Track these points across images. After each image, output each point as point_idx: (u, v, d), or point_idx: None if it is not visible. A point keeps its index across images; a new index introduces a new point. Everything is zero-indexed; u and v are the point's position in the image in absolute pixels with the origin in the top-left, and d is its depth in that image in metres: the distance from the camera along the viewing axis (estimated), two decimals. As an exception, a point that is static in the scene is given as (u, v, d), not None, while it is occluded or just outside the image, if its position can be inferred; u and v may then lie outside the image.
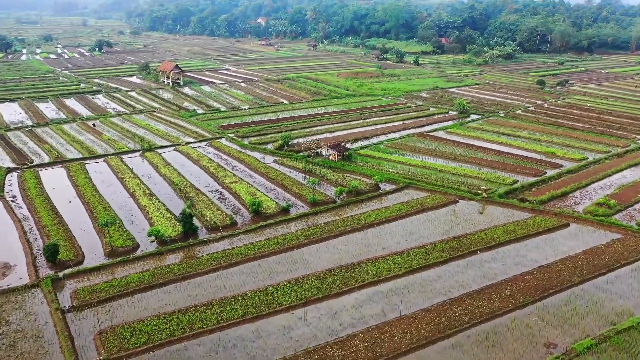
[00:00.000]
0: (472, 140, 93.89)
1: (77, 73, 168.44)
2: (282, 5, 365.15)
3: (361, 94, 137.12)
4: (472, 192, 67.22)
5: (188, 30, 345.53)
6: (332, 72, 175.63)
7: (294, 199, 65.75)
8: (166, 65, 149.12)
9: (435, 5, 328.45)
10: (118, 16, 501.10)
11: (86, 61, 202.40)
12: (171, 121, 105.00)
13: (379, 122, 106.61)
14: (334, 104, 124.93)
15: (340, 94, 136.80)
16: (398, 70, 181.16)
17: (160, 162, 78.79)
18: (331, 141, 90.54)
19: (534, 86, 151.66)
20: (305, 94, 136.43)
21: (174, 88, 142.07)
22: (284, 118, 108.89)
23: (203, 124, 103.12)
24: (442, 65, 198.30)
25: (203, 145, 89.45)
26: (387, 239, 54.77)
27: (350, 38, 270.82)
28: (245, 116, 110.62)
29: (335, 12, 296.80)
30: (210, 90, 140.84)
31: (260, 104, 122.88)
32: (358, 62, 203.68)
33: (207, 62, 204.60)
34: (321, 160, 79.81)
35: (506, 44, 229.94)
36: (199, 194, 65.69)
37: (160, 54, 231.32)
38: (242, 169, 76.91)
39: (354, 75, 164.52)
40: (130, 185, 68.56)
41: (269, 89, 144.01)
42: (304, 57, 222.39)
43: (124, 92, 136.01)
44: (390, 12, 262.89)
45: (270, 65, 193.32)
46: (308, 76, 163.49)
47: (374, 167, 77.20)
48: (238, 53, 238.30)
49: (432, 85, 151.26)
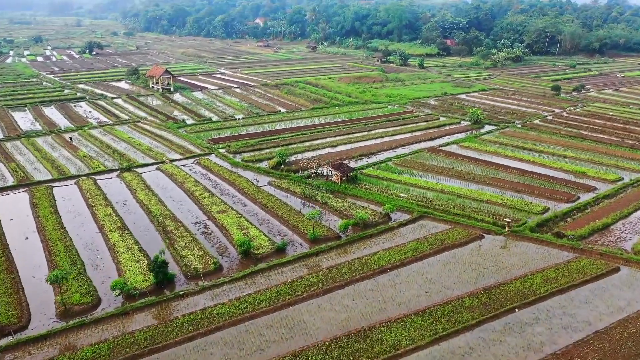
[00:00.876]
0: (490, 156, 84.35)
1: (62, 77, 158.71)
2: (281, 6, 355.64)
3: (365, 102, 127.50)
4: (499, 225, 57.69)
5: (184, 31, 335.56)
6: (332, 76, 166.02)
7: (291, 233, 56.16)
8: (155, 70, 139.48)
9: (439, 5, 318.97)
10: (113, 16, 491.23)
11: (74, 64, 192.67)
12: (157, 134, 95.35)
13: (386, 134, 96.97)
14: (336, 112, 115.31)
15: (342, 101, 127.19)
16: (402, 74, 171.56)
17: (139, 184, 69.15)
18: (333, 158, 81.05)
19: (548, 92, 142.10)
20: (305, 101, 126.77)
21: (164, 94, 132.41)
22: (281, 129, 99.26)
23: (192, 136, 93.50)
24: (448, 69, 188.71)
25: (190, 163, 79.79)
26: (403, 291, 45.16)
27: (351, 39, 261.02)
28: (239, 127, 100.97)
29: (335, 12, 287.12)
30: (203, 97, 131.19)
31: (255, 113, 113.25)
32: (360, 65, 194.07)
33: (201, 65, 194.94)
34: (322, 183, 70.22)
35: (514, 46, 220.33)
36: (180, 228, 56.08)
37: (153, 56, 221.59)
38: (232, 194, 67.29)
39: (356, 80, 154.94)
40: (100, 216, 58.90)
41: (265, 95, 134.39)
42: (303, 60, 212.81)
43: (109, 100, 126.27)
44: (393, 12, 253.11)
45: (268, 69, 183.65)
46: (307, 81, 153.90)
47: (382, 191, 67.64)
48: (234, 55, 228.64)
49: (440, 91, 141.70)
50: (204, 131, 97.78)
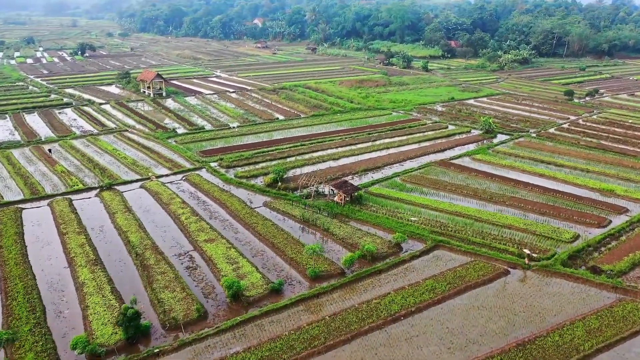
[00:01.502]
0: (507, 170, 77.24)
1: (50, 81, 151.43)
2: (280, 6, 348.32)
3: (367, 108, 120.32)
4: (524, 257, 50.58)
5: (180, 31, 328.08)
6: (333, 79, 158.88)
7: (289, 267, 49.04)
8: (146, 74, 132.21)
9: (442, 5, 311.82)
10: (110, 17, 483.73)
11: (64, 67, 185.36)
12: (144, 145, 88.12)
13: (391, 145, 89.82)
14: (337, 120, 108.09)
15: (344, 107, 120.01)
16: (406, 77, 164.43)
17: (120, 206, 61.98)
18: (335, 173, 73.97)
19: (561, 97, 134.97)
20: (304, 107, 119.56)
21: (155, 100, 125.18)
22: (279, 140, 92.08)
23: (182, 148, 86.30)
24: (453, 72, 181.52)
25: (178, 179, 72.56)
26: (421, 346, 38.02)
27: (352, 41, 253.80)
28: (233, 137, 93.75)
29: (336, 12, 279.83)
30: (196, 103, 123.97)
31: (251, 121, 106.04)
32: (361, 68, 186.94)
33: (197, 67, 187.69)
34: (323, 204, 63.07)
35: (520, 48, 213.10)
36: (161, 261, 48.91)
37: (147, 58, 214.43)
38: (223, 217, 60.13)
39: (358, 84, 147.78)
40: (71, 247, 51.71)
41: (262, 101, 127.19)
42: (302, 62, 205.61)
43: (97, 106, 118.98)
44: (395, 12, 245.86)
45: (266, 72, 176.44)
46: (307, 85, 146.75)
47: (391, 214, 60.52)
48: (232, 57, 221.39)
49: (446, 96, 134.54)
50: (195, 142, 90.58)
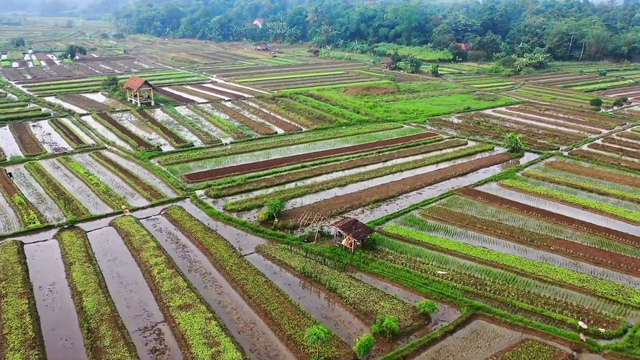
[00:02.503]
0: (543, 201, 65.86)
1: (31, 88, 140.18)
2: (281, 6, 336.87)
3: (376, 120, 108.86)
4: (592, 332, 39.21)
5: (178, 32, 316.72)
6: (337, 85, 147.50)
7: (285, 349, 37.70)
8: (133, 81, 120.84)
9: (449, 5, 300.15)
10: (107, 17, 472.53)
11: (51, 71, 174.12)
12: (122, 167, 76.75)
13: (405, 166, 78.35)
14: (343, 135, 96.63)
15: (350, 118, 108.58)
16: (415, 83, 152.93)
17: (80, 253, 50.65)
18: (342, 204, 62.78)
19: (587, 106, 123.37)
20: (306, 119, 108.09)
21: (142, 110, 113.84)
22: (277, 160, 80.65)
23: (165, 171, 74.95)
24: (465, 77, 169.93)
25: (156, 213, 61.22)
26: None
27: (357, 43, 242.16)
28: (225, 157, 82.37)
29: (339, 13, 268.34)
30: (187, 114, 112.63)
31: (247, 136, 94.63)
32: (367, 73, 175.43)
33: (191, 72, 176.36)
34: (329, 249, 51.76)
35: (534, 51, 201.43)
36: (119, 341, 37.59)
37: (141, 62, 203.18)
38: (205, 269, 48.78)
39: (365, 92, 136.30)
40: (7, 317, 40.35)
41: (260, 111, 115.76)
42: (304, 66, 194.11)
43: (77, 117, 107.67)
44: (401, 13, 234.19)
45: (265, 77, 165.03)
46: (309, 92, 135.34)
47: (412, 264, 49.19)
48: (230, 60, 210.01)
49: (461, 106, 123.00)
50: (181, 162, 79.20)
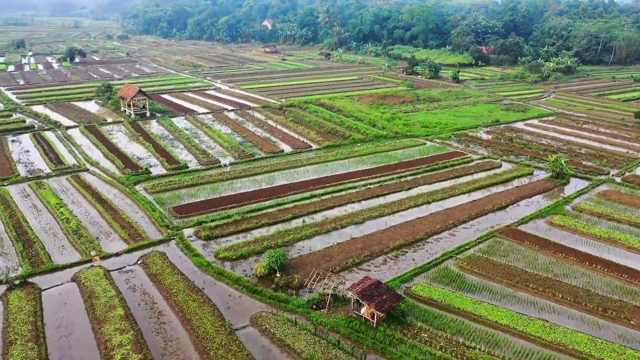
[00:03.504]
0: (606, 247, 54.03)
1: (21, 95, 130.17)
2: (292, 6, 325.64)
3: (395, 135, 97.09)
4: None
5: (184, 34, 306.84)
6: (351, 93, 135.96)
7: None
8: (127, 90, 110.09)
9: (467, 6, 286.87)
10: (115, 17, 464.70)
11: (46, 76, 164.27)
12: (101, 196, 65.81)
13: (433, 196, 66.61)
14: (358, 154, 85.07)
15: (366, 133, 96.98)
16: (435, 90, 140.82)
17: (24, 326, 39.68)
18: (359, 253, 51.40)
19: (630, 119, 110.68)
20: (316, 133, 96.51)
21: (135, 122, 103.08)
22: (282, 187, 69.31)
23: (150, 202, 63.92)
24: (488, 83, 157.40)
25: (131, 263, 50.10)
26: None
27: (370, 45, 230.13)
28: (223, 183, 71.17)
29: (352, 14, 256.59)
30: (185, 126, 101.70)
31: (249, 155, 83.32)
32: (382, 78, 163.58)
33: (195, 77, 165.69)
34: (345, 321, 40.38)
35: (560, 54, 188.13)
36: None
37: (143, 65, 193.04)
38: (184, 354, 37.50)
39: (381, 101, 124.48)
40: None
41: (266, 123, 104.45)
42: (315, 71, 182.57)
43: (63, 130, 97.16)
44: (418, 14, 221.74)
45: (273, 83, 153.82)
46: (320, 101, 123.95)
47: (454, 349, 37.57)
48: (236, 64, 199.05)
49: (488, 117, 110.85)
50: (171, 189, 68.17)
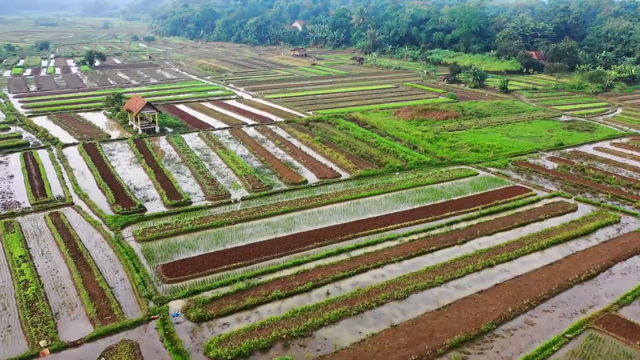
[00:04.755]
0: None
1: (27, 103, 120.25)
2: (323, 6, 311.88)
3: (440, 161, 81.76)
4: None
5: (212, 35, 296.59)
6: (387, 105, 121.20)
7: None
8: (134, 102, 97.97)
9: (511, 7, 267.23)
10: (145, 18, 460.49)
11: (60, 81, 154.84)
12: (78, 245, 52.91)
13: (496, 256, 51.30)
14: (396, 187, 70.20)
15: (405, 158, 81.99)
16: (482, 103, 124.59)
17: None
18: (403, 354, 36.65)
19: None
20: (346, 158, 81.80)
21: (141, 140, 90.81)
22: (303, 236, 55.12)
23: (136, 254, 50.73)
24: (542, 94, 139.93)
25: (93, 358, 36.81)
26: None
27: (407, 49, 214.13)
28: (230, 228, 57.51)
29: (387, 15, 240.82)
30: (196, 146, 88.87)
31: (266, 187, 69.49)
32: (421, 87, 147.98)
33: (217, 83, 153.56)
34: None
35: (621, 61, 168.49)
36: None
37: (164, 70, 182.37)
38: None
39: (421, 115, 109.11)
40: None
41: (289, 143, 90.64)
42: (346, 77, 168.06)
43: (59, 149, 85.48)
44: (460, 15, 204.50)
45: (300, 92, 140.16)
46: (352, 115, 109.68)
47: None
48: (262, 69, 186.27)
49: (549, 139, 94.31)
50: (165, 236, 54.93)
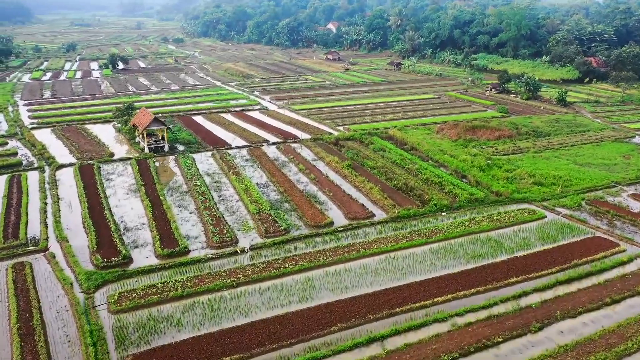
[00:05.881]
0: None
1: (35, 113, 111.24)
2: (359, 7, 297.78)
3: (496, 197, 66.84)
4: None
5: (243, 37, 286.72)
6: (428, 120, 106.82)
7: None
8: (141, 117, 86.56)
9: (563, 7, 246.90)
10: (179, 18, 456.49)
11: (77, 87, 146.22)
12: (29, 321, 41.02)
13: (590, 358, 36.89)
14: (443, 235, 55.86)
15: (452, 192, 67.41)
16: (537, 119, 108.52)
17: None
18: None
19: None
20: (381, 191, 67.72)
21: (146, 161, 79.33)
22: (322, 310, 41.80)
23: (104, 334, 38.43)
24: (607, 108, 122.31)
25: None
26: None
27: (448, 53, 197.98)
28: (231, 292, 44.63)
29: (427, 17, 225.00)
30: (207, 170, 76.70)
31: (282, 230, 56.42)
32: (465, 98, 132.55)
33: (241, 91, 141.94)
34: None
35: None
36: None
37: (188, 75, 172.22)
38: None
39: (469, 134, 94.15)
40: None
41: (314, 168, 77.37)
42: (382, 85, 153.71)
43: (53, 171, 74.65)
44: (509, 17, 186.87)
45: (331, 102, 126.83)
46: (388, 132, 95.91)
47: None
48: (292, 74, 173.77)
49: (626, 167, 78.02)
50: (145, 306, 42.55)
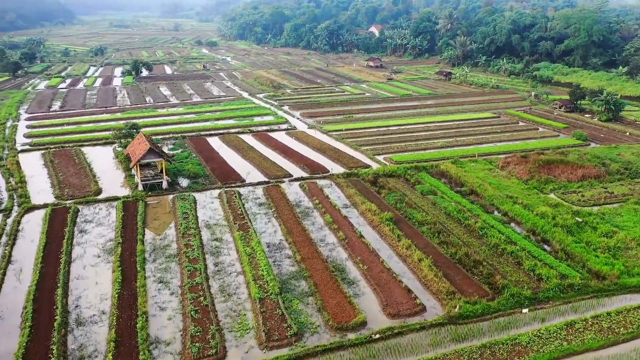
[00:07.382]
0: None
1: (33, 130, 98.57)
2: (405, 9, 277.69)
3: (597, 283, 47.34)
4: None
5: (280, 40, 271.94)
6: (487, 148, 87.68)
7: None
8: (136, 146, 70.93)
9: (636, 10, 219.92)
10: (217, 19, 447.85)
11: (92, 97, 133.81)
12: None
13: None
14: (530, 356, 37.40)
15: (533, 270, 48.43)
16: (628, 149, 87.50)
17: None
18: None
19: None
20: (432, 267, 49.25)
21: (135, 202, 63.83)
22: None
23: None
24: None
25: None
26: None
27: (505, 61, 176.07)
28: None
29: (481, 20, 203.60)
30: (210, 217, 60.43)
31: (288, 338, 39.25)
32: (530, 117, 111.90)
33: (270, 103, 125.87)
34: None
35: None
36: None
37: (214, 84, 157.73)
38: None
39: (543, 171, 74.39)
40: None
41: (344, 221, 59.67)
42: (430, 100, 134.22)
43: (19, 216, 60.25)
44: (577, 21, 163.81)
45: (370, 121, 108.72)
46: (438, 165, 77.46)
47: None
48: (328, 84, 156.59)
49: None
50: None
